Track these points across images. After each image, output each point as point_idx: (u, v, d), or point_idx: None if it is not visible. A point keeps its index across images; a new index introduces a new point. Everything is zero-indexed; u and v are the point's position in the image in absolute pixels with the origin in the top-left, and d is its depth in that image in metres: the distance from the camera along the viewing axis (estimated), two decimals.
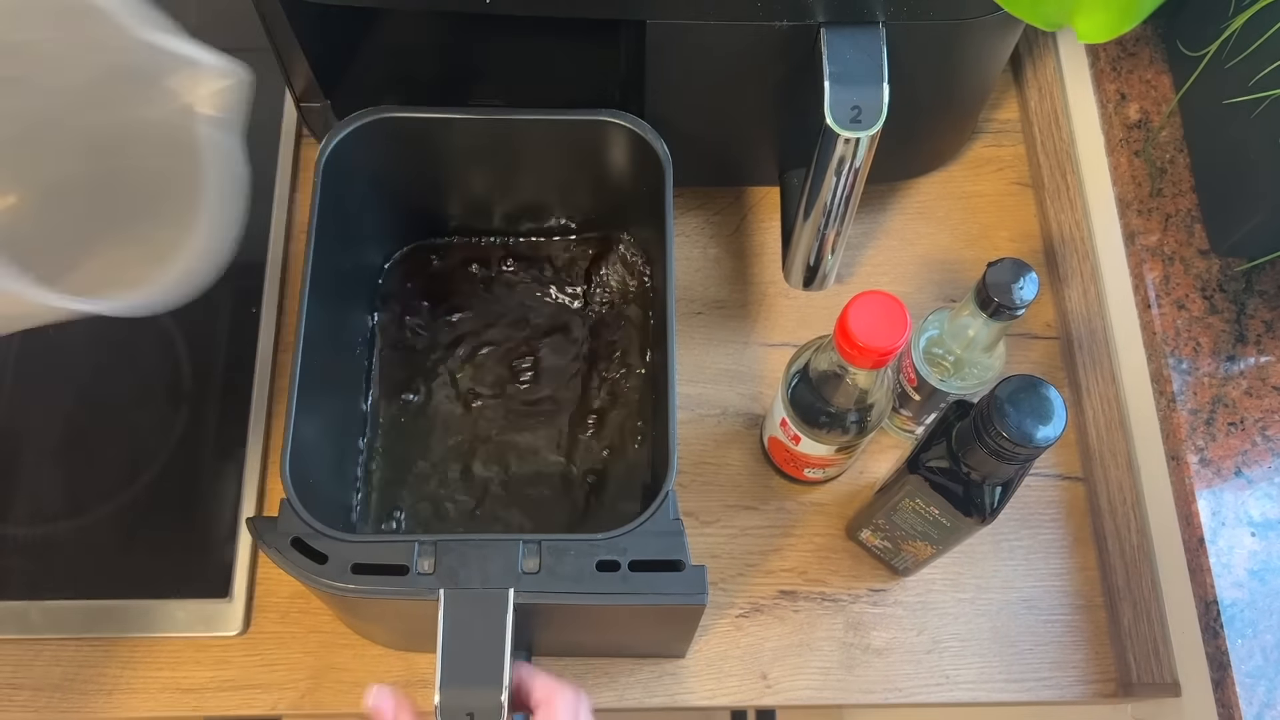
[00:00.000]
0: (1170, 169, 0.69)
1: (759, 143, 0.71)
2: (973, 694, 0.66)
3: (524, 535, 0.53)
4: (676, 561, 0.52)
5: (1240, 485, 0.61)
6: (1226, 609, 0.59)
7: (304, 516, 0.53)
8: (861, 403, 0.58)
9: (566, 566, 0.52)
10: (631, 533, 0.53)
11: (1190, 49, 0.68)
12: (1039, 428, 0.49)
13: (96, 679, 0.65)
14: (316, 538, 0.52)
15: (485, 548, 0.52)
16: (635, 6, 0.59)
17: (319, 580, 0.51)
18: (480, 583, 0.51)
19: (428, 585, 0.51)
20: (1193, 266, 0.66)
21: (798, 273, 0.69)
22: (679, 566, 0.52)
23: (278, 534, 0.52)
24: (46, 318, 0.48)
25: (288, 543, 0.52)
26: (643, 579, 0.52)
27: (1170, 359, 0.64)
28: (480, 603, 0.50)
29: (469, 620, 0.50)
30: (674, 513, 0.53)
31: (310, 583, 0.51)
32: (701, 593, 0.52)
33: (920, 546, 0.62)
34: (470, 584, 0.51)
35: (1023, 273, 0.57)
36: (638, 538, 0.53)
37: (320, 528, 0.52)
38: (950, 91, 0.70)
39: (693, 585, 0.52)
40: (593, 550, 0.52)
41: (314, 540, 0.52)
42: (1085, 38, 0.48)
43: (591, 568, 0.52)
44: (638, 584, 0.52)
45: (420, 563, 0.51)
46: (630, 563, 0.52)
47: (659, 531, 0.53)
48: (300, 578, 0.52)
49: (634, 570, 0.52)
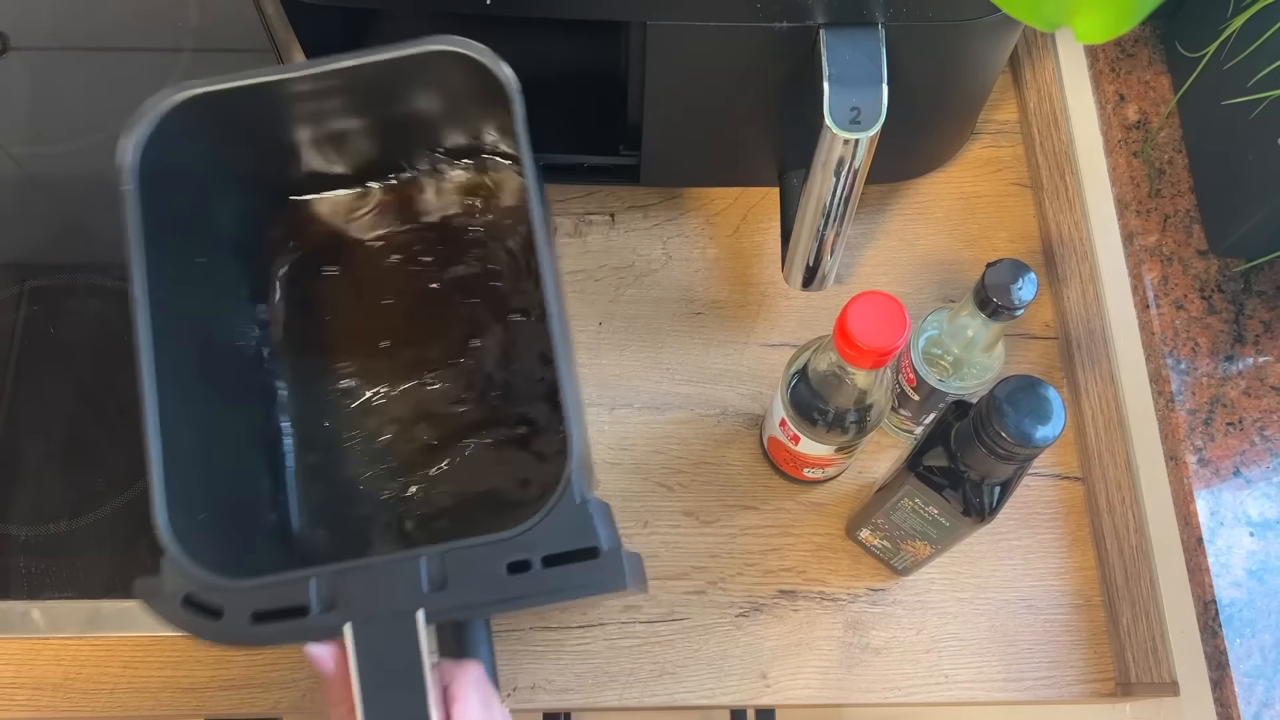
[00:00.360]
0: (1169, 170, 0.69)
1: (758, 143, 0.72)
2: (971, 693, 0.66)
3: (424, 549, 0.49)
4: (591, 549, 0.48)
5: (1239, 485, 0.62)
6: (1225, 609, 0.59)
7: (188, 569, 0.48)
8: (861, 403, 0.59)
9: (474, 575, 0.48)
10: (538, 525, 0.48)
11: (1189, 50, 0.68)
12: (1038, 427, 0.49)
13: (97, 678, 0.65)
14: (209, 591, 0.47)
15: (385, 571, 0.48)
16: (635, 7, 0.59)
17: (220, 636, 0.47)
18: (385, 609, 0.47)
19: (332, 623, 0.47)
20: (1191, 267, 0.66)
21: (797, 273, 0.69)
22: (595, 554, 0.48)
23: (166, 595, 0.47)
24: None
25: (179, 604, 0.47)
26: (558, 574, 0.48)
27: (1169, 359, 0.64)
28: (389, 630, 0.47)
29: (381, 650, 0.47)
30: (580, 495, 0.49)
31: (212, 640, 0.48)
32: (620, 577, 0.48)
33: (919, 546, 0.62)
34: (376, 612, 0.47)
35: (1021, 273, 0.57)
36: (546, 529, 0.48)
37: (210, 580, 0.48)
38: (949, 92, 0.70)
39: (610, 571, 0.48)
40: (501, 552, 0.48)
41: (206, 594, 0.48)
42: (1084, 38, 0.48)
43: (502, 571, 0.48)
44: (554, 580, 0.48)
45: (320, 599, 0.47)
46: (543, 558, 0.48)
47: (567, 519, 0.48)
48: (201, 637, 0.48)
49: (547, 565, 0.48)
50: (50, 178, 0.78)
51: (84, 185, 0.77)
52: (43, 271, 0.74)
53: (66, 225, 0.76)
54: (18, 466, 0.69)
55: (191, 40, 0.82)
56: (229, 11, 0.83)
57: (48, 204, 0.77)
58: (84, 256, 0.75)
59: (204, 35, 0.83)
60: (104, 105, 0.80)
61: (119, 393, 0.71)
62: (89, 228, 0.76)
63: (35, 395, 0.71)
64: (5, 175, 0.78)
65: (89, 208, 0.76)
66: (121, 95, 0.80)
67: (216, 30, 0.83)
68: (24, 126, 0.79)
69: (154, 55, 0.82)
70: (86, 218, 0.76)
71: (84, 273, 0.74)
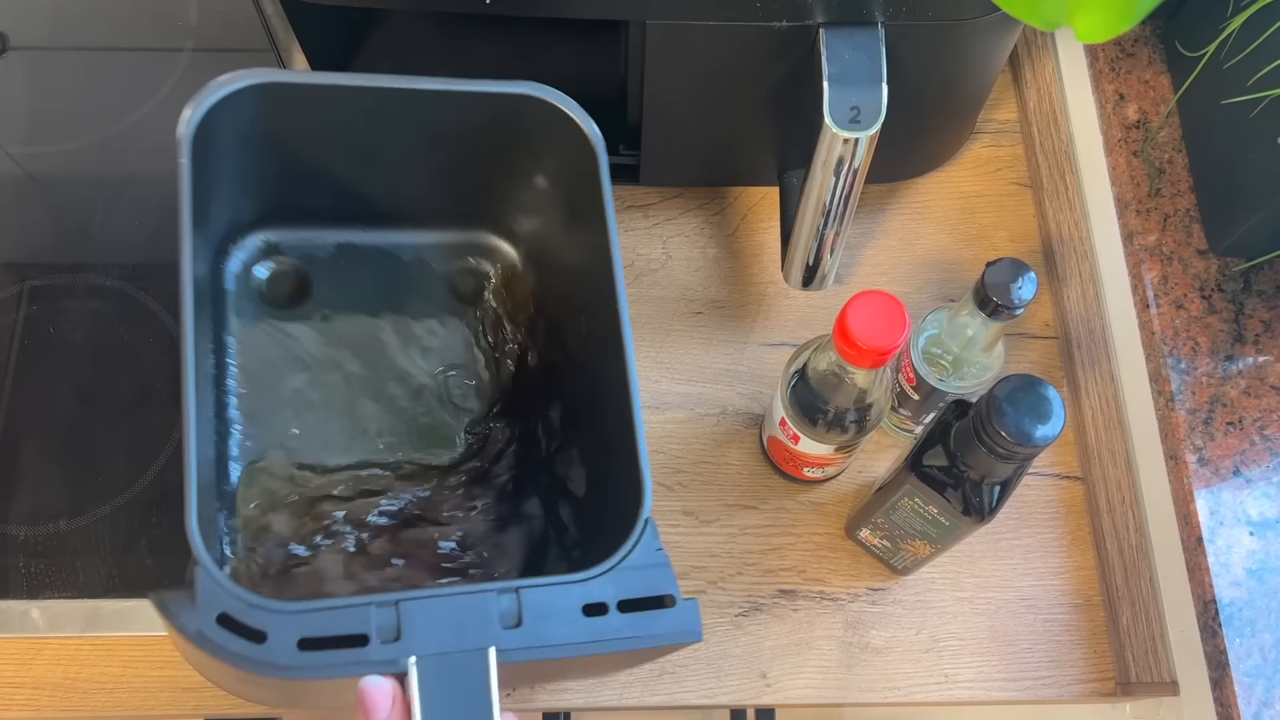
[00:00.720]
0: (1169, 169, 0.69)
1: (758, 143, 0.72)
2: (971, 693, 0.66)
3: (497, 584, 0.46)
4: (666, 596, 0.48)
5: (1238, 485, 0.62)
6: (1225, 608, 0.59)
7: (228, 586, 0.43)
8: (860, 402, 0.59)
9: (550, 614, 0.46)
10: (614, 569, 0.48)
11: (1189, 49, 0.68)
12: (1037, 427, 0.49)
13: (97, 678, 0.65)
14: (250, 610, 0.43)
15: (455, 604, 0.45)
16: (635, 6, 0.59)
17: (259, 664, 0.43)
18: (455, 644, 0.44)
19: (395, 655, 0.44)
20: (1191, 266, 0.66)
21: (797, 273, 0.69)
22: (669, 602, 0.48)
23: (198, 611, 0.43)
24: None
25: (213, 622, 0.43)
26: (634, 621, 0.47)
27: (1169, 358, 0.64)
28: (458, 667, 0.44)
29: (447, 689, 0.44)
30: (656, 543, 0.49)
31: (247, 667, 0.43)
32: (695, 629, 0.48)
33: (919, 545, 0.62)
34: (444, 647, 0.44)
35: (1021, 272, 0.57)
36: (621, 574, 0.48)
37: (253, 598, 0.43)
38: (949, 92, 0.70)
39: (686, 621, 0.48)
40: (576, 593, 0.47)
41: (247, 615, 0.43)
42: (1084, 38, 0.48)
43: (577, 612, 0.47)
44: (628, 626, 0.47)
45: (381, 629, 0.44)
46: (618, 603, 0.47)
47: (643, 565, 0.48)
48: (233, 663, 0.43)
49: (623, 611, 0.47)
50: (50, 178, 0.78)
51: (84, 185, 0.77)
52: (43, 271, 0.74)
53: (66, 225, 0.76)
54: (18, 466, 0.69)
55: (191, 40, 0.82)
56: (229, 11, 0.83)
57: (48, 204, 0.77)
58: (84, 256, 0.75)
59: (204, 35, 0.83)
60: (104, 105, 0.80)
61: (119, 393, 0.71)
62: (89, 228, 0.76)
63: (35, 395, 0.71)
64: (5, 175, 0.78)
65: (89, 208, 0.76)
66: (121, 95, 0.80)
67: (216, 30, 0.83)
68: (24, 126, 0.79)
69: (154, 55, 0.82)
70: (86, 218, 0.76)
71: (84, 273, 0.74)
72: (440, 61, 0.73)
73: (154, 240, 0.75)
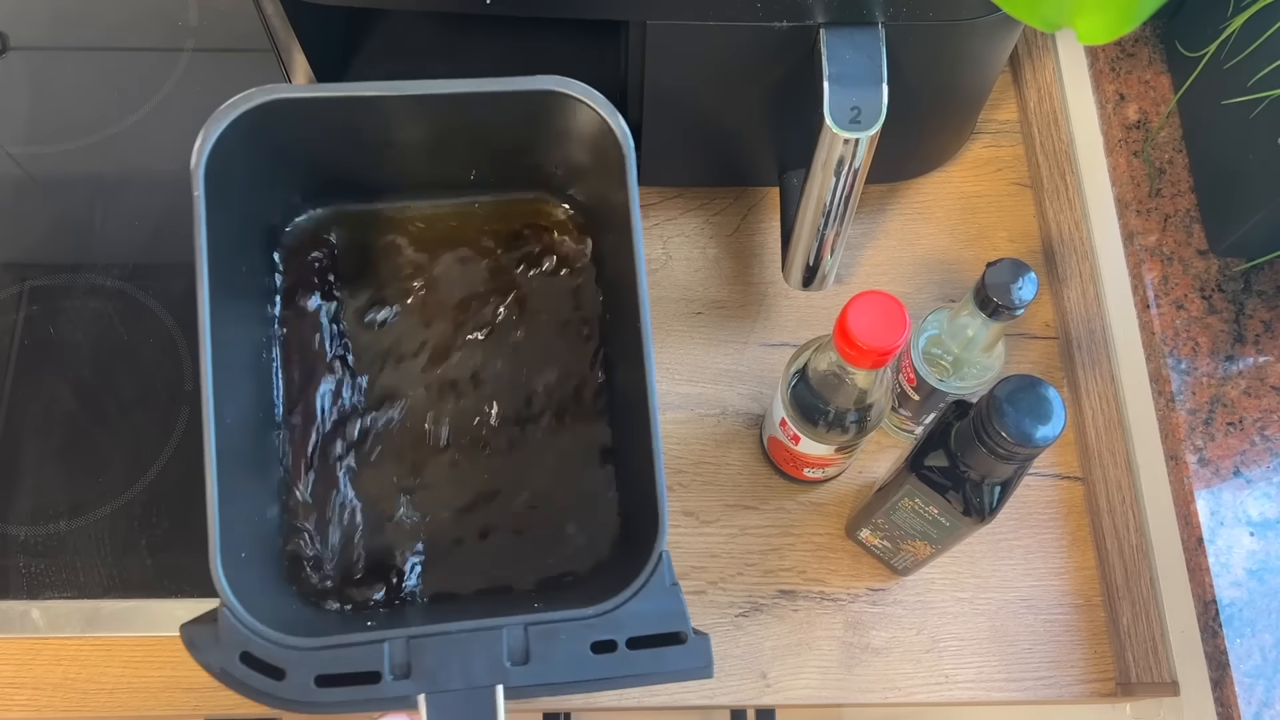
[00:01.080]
0: (1169, 169, 0.69)
1: (758, 143, 0.72)
2: (972, 693, 0.66)
3: (506, 619, 0.47)
4: (678, 634, 0.48)
5: (1239, 485, 0.62)
6: (1225, 608, 0.59)
7: (250, 625, 0.45)
8: (861, 402, 0.59)
9: (558, 651, 0.47)
10: (627, 604, 0.48)
11: (1189, 49, 0.68)
12: (1038, 427, 0.49)
13: (97, 678, 0.65)
14: (270, 648, 0.45)
15: (465, 641, 0.46)
16: (635, 7, 0.59)
17: (278, 700, 0.45)
18: (464, 681, 0.46)
19: (405, 692, 0.45)
20: (1191, 266, 0.66)
21: (797, 273, 0.69)
22: (681, 639, 0.47)
23: (222, 648, 0.45)
24: None
25: (235, 659, 0.45)
26: (642, 657, 0.47)
27: (1169, 359, 0.64)
28: (467, 704, 0.45)
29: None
30: (671, 577, 0.48)
31: (268, 703, 0.45)
32: (707, 665, 0.47)
33: (919, 546, 0.62)
34: (452, 684, 0.46)
35: (1021, 273, 0.57)
36: (635, 609, 0.48)
37: (273, 635, 0.45)
38: (949, 92, 0.70)
39: (697, 658, 0.47)
40: (586, 630, 0.47)
41: (267, 653, 0.45)
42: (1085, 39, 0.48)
43: (585, 650, 0.47)
44: (637, 663, 0.47)
45: (393, 666, 0.46)
46: (628, 640, 0.47)
47: (656, 599, 0.48)
48: (255, 699, 0.45)
49: (632, 648, 0.47)
50: (50, 177, 0.78)
51: (84, 185, 0.77)
52: (43, 271, 0.74)
53: (66, 225, 0.76)
54: (18, 466, 0.69)
55: (191, 40, 0.82)
56: (228, 11, 0.83)
57: (48, 204, 0.77)
58: (84, 256, 0.75)
59: (203, 35, 0.83)
60: (104, 105, 0.80)
61: (119, 393, 0.71)
62: (89, 228, 0.76)
63: (35, 395, 0.71)
64: (5, 175, 0.78)
65: (89, 208, 0.76)
66: (121, 95, 0.80)
67: (216, 30, 0.83)
68: (24, 126, 0.79)
69: (153, 55, 0.82)
70: (86, 218, 0.76)
71: (84, 273, 0.74)
72: (440, 61, 0.73)
73: (154, 240, 0.75)
